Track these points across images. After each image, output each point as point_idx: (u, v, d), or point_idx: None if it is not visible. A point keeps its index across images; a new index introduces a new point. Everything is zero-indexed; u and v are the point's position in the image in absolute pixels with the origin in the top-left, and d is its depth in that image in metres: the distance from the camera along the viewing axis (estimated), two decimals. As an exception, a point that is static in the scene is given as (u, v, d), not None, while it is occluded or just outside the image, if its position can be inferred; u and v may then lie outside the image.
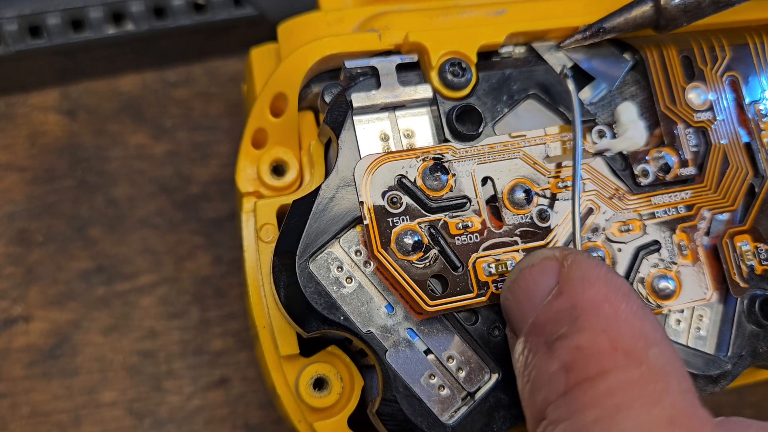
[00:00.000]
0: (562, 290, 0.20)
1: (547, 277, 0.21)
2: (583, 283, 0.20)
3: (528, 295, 0.21)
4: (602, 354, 0.18)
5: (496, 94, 0.25)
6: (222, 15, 0.31)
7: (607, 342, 0.19)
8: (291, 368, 0.24)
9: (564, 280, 0.20)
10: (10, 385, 0.30)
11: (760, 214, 0.26)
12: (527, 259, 0.22)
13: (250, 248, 0.25)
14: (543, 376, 0.19)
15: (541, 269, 0.21)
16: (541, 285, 0.21)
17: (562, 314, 0.20)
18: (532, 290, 0.21)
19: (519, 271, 0.22)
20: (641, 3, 0.25)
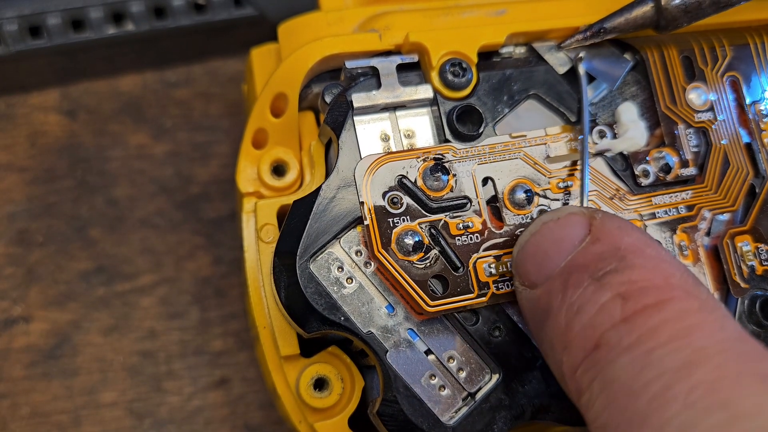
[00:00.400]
0: (599, 237, 0.20)
1: (575, 228, 0.21)
2: (621, 231, 0.20)
3: (556, 244, 0.21)
4: (659, 287, 0.19)
5: (496, 94, 0.25)
6: (222, 15, 0.31)
7: (661, 278, 0.19)
8: (291, 369, 0.24)
9: (598, 229, 0.20)
10: (10, 386, 0.30)
11: (761, 215, 0.26)
12: (550, 214, 0.22)
13: (250, 248, 0.25)
14: (592, 306, 0.19)
15: (568, 221, 0.21)
16: (571, 235, 0.21)
17: (606, 254, 0.20)
18: (560, 239, 0.21)
19: (542, 224, 0.21)
20: (642, 3, 0.25)
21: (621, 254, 0.20)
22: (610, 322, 0.19)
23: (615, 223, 0.21)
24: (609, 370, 0.18)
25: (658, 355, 0.18)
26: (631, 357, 0.18)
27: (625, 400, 0.18)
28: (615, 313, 0.19)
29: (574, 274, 0.20)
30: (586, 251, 0.20)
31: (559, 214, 0.21)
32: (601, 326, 0.19)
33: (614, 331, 0.19)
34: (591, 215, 0.21)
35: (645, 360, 0.18)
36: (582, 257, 0.20)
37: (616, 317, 0.19)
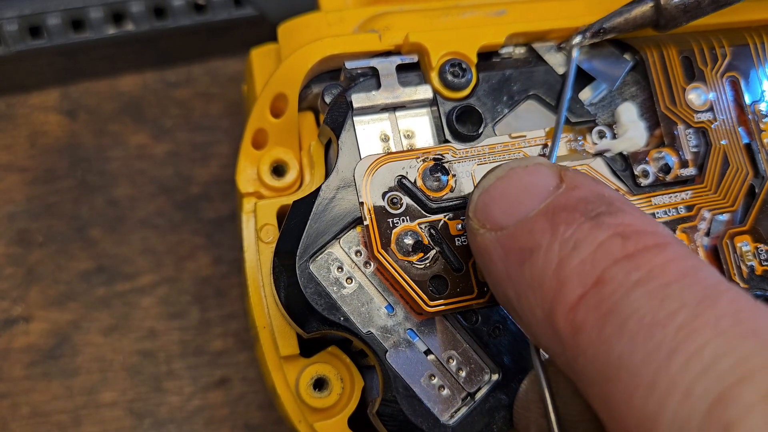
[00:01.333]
0: (576, 185, 0.20)
1: (546, 177, 0.20)
2: (596, 183, 0.20)
3: (527, 189, 0.20)
4: (653, 232, 0.19)
5: (496, 94, 0.25)
6: (222, 15, 0.31)
7: (651, 225, 0.19)
8: (291, 369, 0.24)
9: (572, 180, 0.20)
10: (11, 386, 0.30)
11: (761, 215, 0.26)
12: (517, 162, 0.21)
13: (250, 249, 0.25)
14: (590, 243, 0.19)
15: (537, 170, 0.20)
16: (542, 182, 0.20)
17: (592, 198, 0.19)
18: (532, 184, 0.20)
19: (509, 169, 0.21)
20: (641, 2, 0.25)
21: (607, 200, 0.19)
22: (611, 258, 0.18)
23: (587, 177, 0.20)
24: (624, 304, 0.18)
25: (676, 288, 0.17)
26: (646, 290, 0.18)
27: (648, 332, 0.17)
28: (616, 250, 0.18)
29: (562, 213, 0.19)
30: (568, 195, 0.20)
31: (527, 162, 0.21)
32: (602, 262, 0.18)
33: (619, 267, 0.18)
34: (560, 168, 0.21)
35: (663, 292, 0.18)
36: (565, 199, 0.20)
37: (618, 254, 0.18)
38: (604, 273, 0.18)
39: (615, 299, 0.18)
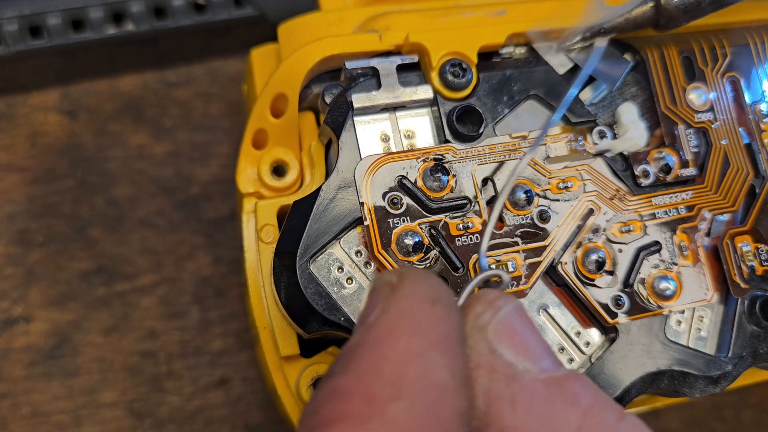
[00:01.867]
0: (370, 322, 0.17)
1: (373, 305, 0.17)
2: (388, 313, 0.17)
3: (357, 322, 0.18)
4: (344, 399, 0.16)
5: (496, 94, 0.25)
6: (222, 15, 0.31)
7: (359, 386, 0.16)
8: (291, 369, 0.24)
9: (379, 310, 0.17)
10: (11, 386, 0.30)
11: (761, 215, 0.26)
12: (375, 280, 0.19)
13: (250, 249, 0.25)
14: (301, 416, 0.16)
15: (375, 295, 0.18)
16: (366, 314, 0.17)
17: (348, 350, 0.17)
18: (360, 317, 0.18)
19: (367, 293, 0.19)
20: (641, 2, 0.25)
21: (353, 353, 0.16)
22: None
23: (394, 300, 0.17)
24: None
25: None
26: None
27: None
28: (311, 422, 0.16)
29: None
30: (351, 338, 0.17)
31: (375, 284, 0.18)
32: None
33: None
34: (395, 283, 0.17)
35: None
36: (344, 346, 0.17)
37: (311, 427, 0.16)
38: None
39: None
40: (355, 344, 0.17)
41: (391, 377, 0.16)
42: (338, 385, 0.16)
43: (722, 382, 0.24)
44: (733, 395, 0.33)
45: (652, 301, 0.24)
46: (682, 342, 0.25)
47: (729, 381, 0.24)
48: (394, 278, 0.18)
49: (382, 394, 0.15)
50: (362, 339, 0.17)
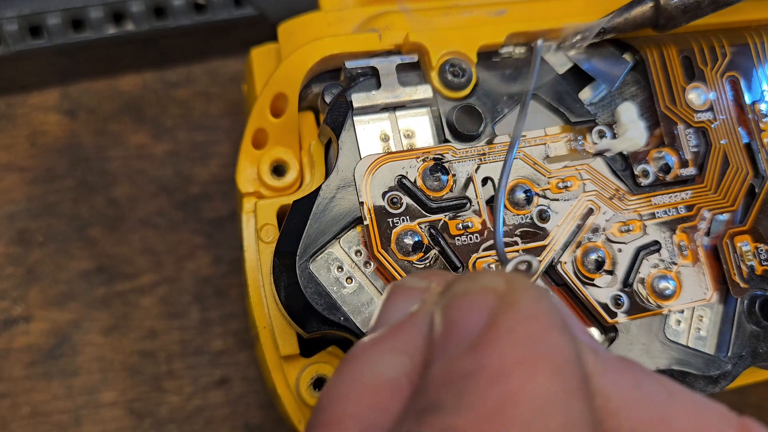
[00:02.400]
0: (480, 342, 0.14)
1: (476, 315, 0.15)
2: (506, 337, 0.14)
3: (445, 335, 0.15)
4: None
5: (496, 94, 0.25)
6: (222, 15, 0.31)
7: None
8: (291, 368, 0.24)
9: (489, 326, 0.14)
10: (11, 385, 0.30)
11: (760, 215, 0.26)
12: (464, 283, 0.16)
13: (250, 248, 0.25)
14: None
15: (472, 303, 0.15)
16: (464, 327, 0.15)
17: (456, 376, 0.14)
18: (453, 327, 0.15)
19: (451, 297, 0.15)
20: (641, 3, 0.25)
21: (473, 382, 0.13)
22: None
23: (515, 317, 0.14)
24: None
25: None
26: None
27: None
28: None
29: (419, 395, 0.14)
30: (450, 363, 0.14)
31: (471, 286, 0.15)
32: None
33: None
34: (504, 293, 0.15)
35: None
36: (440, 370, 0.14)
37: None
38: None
39: None
40: (466, 372, 0.14)
41: (525, 428, 0.13)
42: (455, 426, 0.13)
43: (722, 381, 0.24)
44: (733, 395, 0.33)
45: (652, 301, 0.24)
46: (681, 341, 0.25)
47: (728, 381, 0.24)
48: (501, 285, 0.15)
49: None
50: (476, 365, 0.14)
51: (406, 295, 0.17)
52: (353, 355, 0.16)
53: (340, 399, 0.15)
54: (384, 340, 0.16)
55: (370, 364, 0.15)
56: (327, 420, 0.15)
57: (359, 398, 0.15)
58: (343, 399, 0.15)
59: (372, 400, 0.15)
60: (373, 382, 0.15)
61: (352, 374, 0.15)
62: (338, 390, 0.15)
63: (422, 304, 0.16)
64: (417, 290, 0.17)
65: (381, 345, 0.16)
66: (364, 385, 0.15)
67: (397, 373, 0.15)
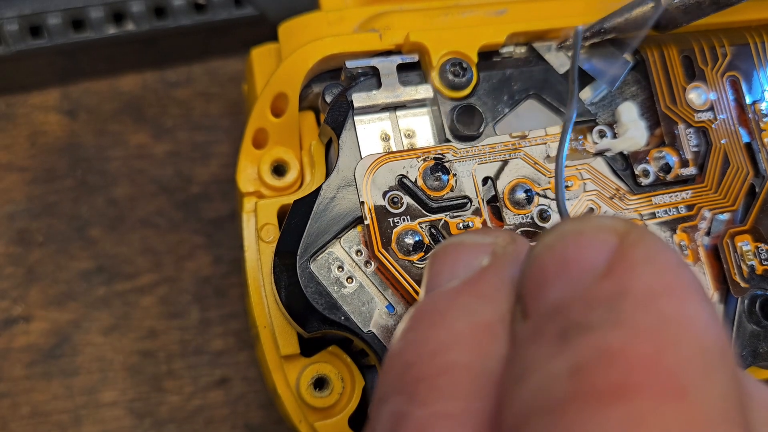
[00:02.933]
0: (613, 270, 0.14)
1: (596, 251, 0.14)
2: (645, 266, 0.14)
3: (561, 269, 0.14)
4: (634, 366, 0.12)
5: (496, 94, 0.25)
6: (222, 15, 0.31)
7: (651, 350, 0.12)
8: (292, 368, 0.24)
9: (619, 257, 0.14)
10: (11, 385, 0.30)
11: (761, 214, 0.26)
12: (574, 224, 0.15)
13: (250, 248, 0.25)
14: (539, 374, 0.13)
15: (591, 240, 0.14)
16: (586, 260, 0.14)
17: (601, 300, 0.13)
18: (570, 264, 0.14)
19: (560, 236, 0.15)
20: (641, 3, 0.25)
21: (620, 301, 0.13)
22: (544, 405, 0.13)
23: (648, 250, 0.14)
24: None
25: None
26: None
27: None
28: (555, 394, 0.13)
29: (545, 322, 0.14)
30: (583, 291, 0.14)
31: (585, 227, 0.15)
32: (530, 408, 0.13)
33: (538, 422, 0.13)
34: (624, 234, 0.14)
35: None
36: (573, 297, 0.14)
37: (554, 400, 0.13)
38: (524, 423, 0.13)
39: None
40: (612, 293, 0.13)
41: (689, 345, 0.13)
42: (612, 343, 0.13)
43: (722, 381, 0.24)
44: (733, 395, 0.33)
45: (653, 301, 0.24)
46: (682, 341, 0.25)
47: (729, 380, 0.24)
48: (621, 225, 0.14)
49: (692, 370, 0.12)
50: (620, 288, 0.13)
51: (469, 251, 0.17)
52: (432, 306, 0.16)
53: (439, 348, 0.15)
54: (466, 290, 0.16)
55: (462, 310, 0.15)
56: (430, 372, 0.15)
57: (460, 345, 0.15)
58: (443, 348, 0.15)
59: (474, 346, 0.15)
60: (469, 328, 0.15)
61: (440, 323, 0.15)
62: (432, 339, 0.15)
63: (494, 257, 0.16)
64: (482, 245, 0.17)
65: (465, 294, 0.16)
66: (459, 331, 0.15)
67: (491, 319, 0.15)
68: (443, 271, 0.17)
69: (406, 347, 0.15)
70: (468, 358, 0.14)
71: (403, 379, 0.15)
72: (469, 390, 0.14)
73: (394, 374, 0.15)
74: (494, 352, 0.15)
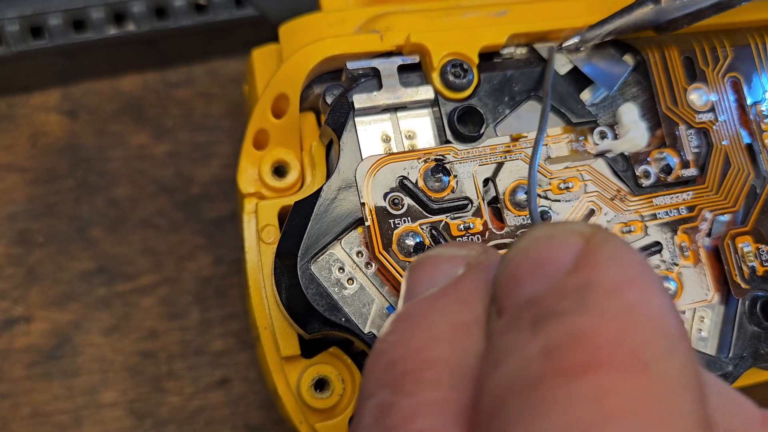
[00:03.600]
0: (580, 266, 0.15)
1: (566, 252, 0.16)
2: (610, 262, 0.15)
3: (534, 268, 0.16)
4: (600, 345, 0.14)
5: (497, 95, 0.25)
6: (223, 15, 0.31)
7: (614, 332, 0.14)
8: (292, 369, 0.24)
9: (586, 256, 0.15)
10: (11, 386, 0.30)
11: (762, 216, 0.26)
12: (545, 229, 0.16)
13: (251, 249, 0.25)
14: (514, 359, 0.14)
15: (561, 243, 0.16)
16: (556, 260, 0.16)
17: (569, 291, 0.15)
18: (542, 263, 0.16)
19: (532, 240, 0.16)
20: (642, 4, 0.25)
21: (586, 292, 0.14)
22: (521, 384, 0.14)
23: (612, 250, 0.15)
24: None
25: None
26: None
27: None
28: (530, 373, 0.14)
29: (520, 312, 0.15)
30: (553, 284, 0.15)
31: (555, 231, 0.16)
32: (509, 388, 0.14)
33: (517, 399, 0.14)
34: (590, 236, 0.16)
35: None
36: (544, 290, 0.15)
37: (530, 379, 0.14)
38: (503, 401, 0.14)
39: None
40: (580, 285, 0.15)
41: (652, 330, 0.14)
42: (582, 326, 0.14)
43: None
44: (734, 396, 0.33)
45: (653, 302, 0.24)
46: (682, 342, 0.25)
47: (730, 381, 0.24)
48: (587, 229, 0.16)
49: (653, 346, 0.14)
50: (587, 280, 0.15)
51: (446, 262, 0.18)
52: (414, 310, 0.17)
53: (423, 346, 0.16)
54: (445, 295, 0.17)
55: (441, 313, 0.17)
56: (414, 367, 0.16)
57: (441, 342, 0.16)
58: (425, 346, 0.16)
59: (454, 344, 0.16)
60: (447, 328, 0.16)
61: (422, 324, 0.17)
62: (415, 338, 0.16)
63: (469, 267, 0.18)
64: (458, 257, 0.18)
65: (444, 298, 0.17)
66: (440, 331, 0.16)
67: (468, 320, 0.16)
68: (422, 282, 0.18)
69: (390, 348, 0.17)
70: (449, 354, 0.16)
71: (388, 375, 0.16)
72: (450, 382, 0.16)
73: (378, 372, 0.17)
74: (472, 349, 0.16)
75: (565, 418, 0.13)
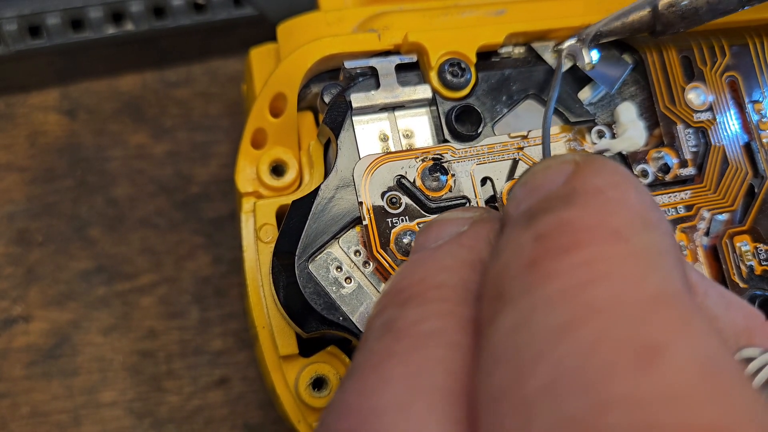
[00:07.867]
0: (569, 180, 0.17)
1: (559, 174, 0.17)
2: (594, 172, 0.17)
3: (531, 191, 0.17)
4: (585, 228, 0.15)
5: (495, 94, 0.25)
6: (222, 15, 0.31)
7: (597, 218, 0.15)
8: (290, 368, 0.24)
9: (575, 172, 0.17)
10: (10, 385, 0.30)
11: (760, 215, 0.26)
12: (542, 162, 0.18)
13: (249, 248, 0.25)
14: (511, 247, 0.16)
15: (556, 170, 0.17)
16: (549, 182, 0.17)
17: (560, 196, 0.16)
18: (538, 186, 0.17)
19: (531, 173, 0.18)
20: (639, 8, 0.25)
21: (573, 194, 0.16)
22: (516, 266, 0.15)
23: (597, 164, 0.17)
24: (489, 331, 0.15)
25: (540, 313, 0.14)
26: (512, 314, 0.15)
27: (489, 373, 0.14)
28: (523, 256, 0.15)
29: (517, 218, 0.17)
30: (545, 195, 0.17)
31: (551, 162, 0.18)
32: (506, 273, 0.16)
33: (513, 280, 0.15)
34: (582, 159, 0.17)
35: (523, 319, 0.14)
36: (537, 200, 0.17)
37: (524, 260, 0.15)
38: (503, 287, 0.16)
39: (488, 323, 0.15)
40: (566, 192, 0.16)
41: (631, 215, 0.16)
42: (570, 217, 0.16)
43: (721, 381, 0.24)
44: (733, 395, 0.33)
45: (651, 301, 0.24)
46: (680, 341, 0.25)
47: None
48: (579, 156, 0.17)
49: (631, 225, 0.15)
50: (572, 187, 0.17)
51: (452, 223, 0.19)
52: (421, 255, 0.19)
53: (429, 274, 0.18)
54: (450, 242, 0.19)
55: (447, 252, 0.18)
56: (422, 289, 0.17)
57: (447, 272, 0.17)
58: (432, 274, 0.18)
59: (459, 274, 0.17)
60: (453, 262, 0.18)
61: (431, 260, 0.18)
62: (423, 270, 0.18)
63: (472, 225, 0.19)
64: (463, 218, 0.19)
65: (449, 244, 0.19)
66: (446, 264, 0.18)
67: (473, 259, 0.18)
68: (429, 238, 0.20)
69: (399, 280, 0.18)
70: (454, 280, 0.17)
71: (396, 297, 0.17)
72: (456, 299, 0.17)
73: (386, 298, 0.18)
74: (476, 280, 0.17)
75: (560, 283, 0.14)
